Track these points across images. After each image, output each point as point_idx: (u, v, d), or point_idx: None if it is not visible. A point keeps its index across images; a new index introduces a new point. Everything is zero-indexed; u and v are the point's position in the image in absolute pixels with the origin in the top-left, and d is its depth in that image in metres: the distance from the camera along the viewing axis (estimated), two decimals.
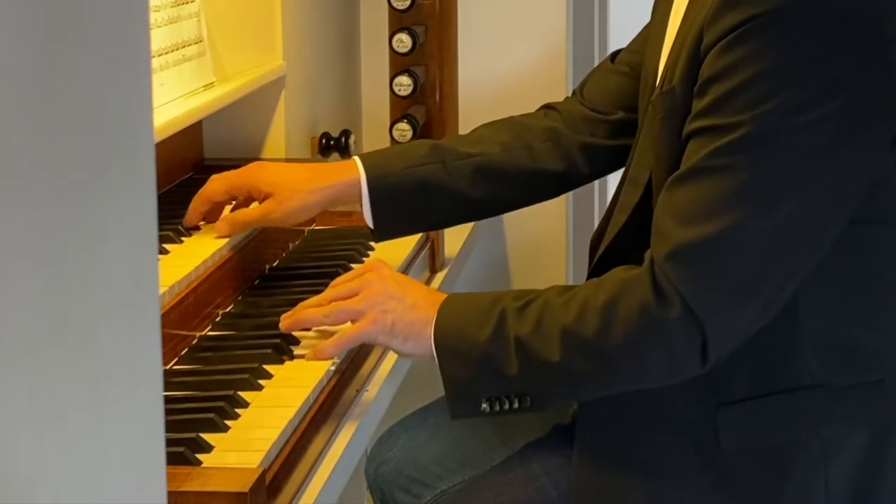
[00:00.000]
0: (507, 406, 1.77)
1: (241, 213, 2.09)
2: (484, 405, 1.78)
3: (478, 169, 2.10)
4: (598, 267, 1.88)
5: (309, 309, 1.89)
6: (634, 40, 2.18)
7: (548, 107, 2.21)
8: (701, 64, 1.71)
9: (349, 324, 1.86)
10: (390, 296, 1.83)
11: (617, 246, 1.88)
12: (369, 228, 2.11)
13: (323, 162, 2.23)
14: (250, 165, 2.13)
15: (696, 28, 1.72)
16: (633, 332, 1.71)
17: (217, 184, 2.11)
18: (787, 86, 1.65)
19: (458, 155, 2.11)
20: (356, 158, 2.10)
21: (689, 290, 1.68)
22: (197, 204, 2.11)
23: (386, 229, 2.11)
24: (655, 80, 1.86)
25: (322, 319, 1.88)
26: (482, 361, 1.76)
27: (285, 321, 1.90)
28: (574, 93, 2.23)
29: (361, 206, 2.08)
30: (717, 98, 1.68)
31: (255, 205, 2.11)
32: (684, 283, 1.68)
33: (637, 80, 2.05)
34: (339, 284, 1.90)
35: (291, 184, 2.06)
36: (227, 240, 2.07)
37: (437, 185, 2.09)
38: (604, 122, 2.13)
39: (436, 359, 1.79)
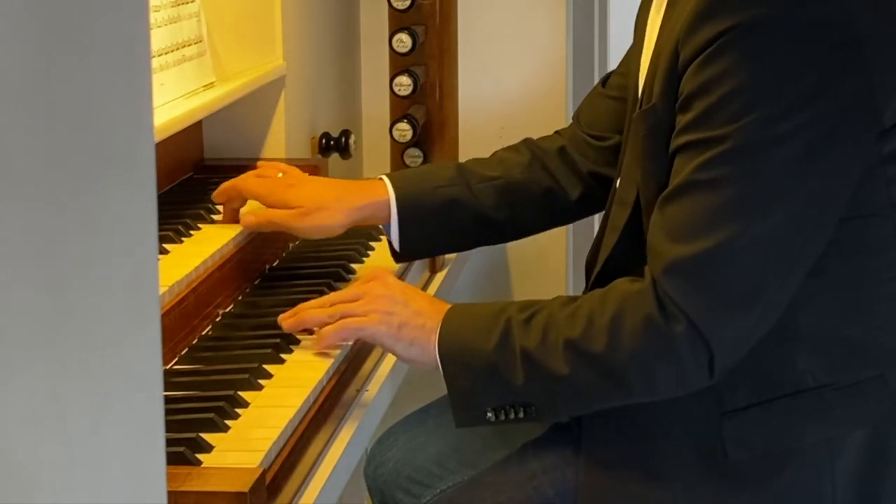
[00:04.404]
0: (512, 416, 1.78)
1: (272, 213, 2.11)
2: (489, 414, 1.79)
3: (501, 191, 2.14)
4: (593, 288, 1.89)
5: (312, 309, 1.89)
6: (621, 62, 2.19)
7: (557, 133, 2.23)
8: (679, 79, 1.72)
9: None
10: (395, 301, 1.84)
11: (610, 267, 1.89)
12: (391, 249, 2.13)
13: (349, 180, 2.23)
14: (281, 181, 2.14)
15: (671, 44, 1.73)
16: (640, 347, 1.72)
17: (256, 188, 2.13)
18: (766, 96, 1.67)
19: (482, 178, 2.14)
20: (385, 179, 2.12)
21: (690, 305, 1.69)
22: (230, 191, 2.15)
23: (409, 250, 2.14)
24: (637, 99, 1.87)
25: (326, 320, 1.88)
26: (488, 372, 1.77)
27: (287, 321, 1.90)
28: (573, 118, 2.24)
29: (389, 225, 2.11)
30: (700, 113, 1.69)
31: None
32: (685, 299, 1.69)
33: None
34: (343, 292, 1.91)
35: (321, 201, 2.09)
36: (226, 241, 2.07)
37: (462, 207, 2.12)
38: (602, 149, 2.15)
39: (440, 368, 1.80)
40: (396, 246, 2.11)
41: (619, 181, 1.92)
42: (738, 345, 1.73)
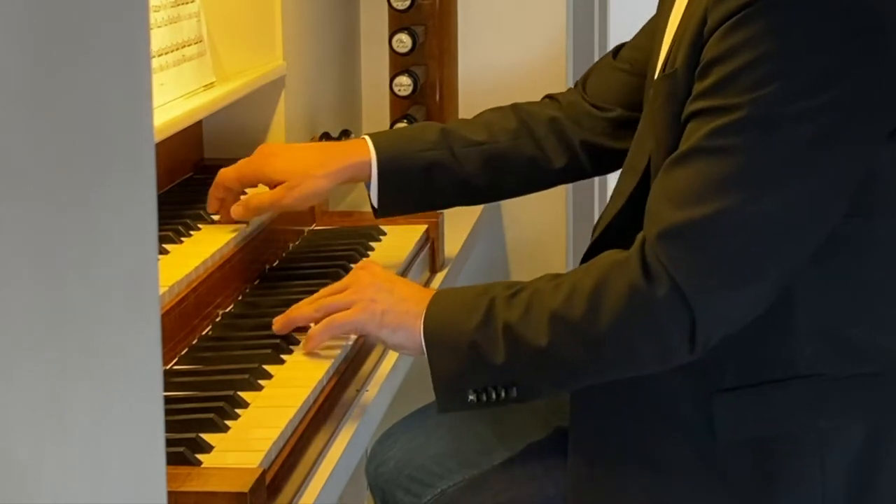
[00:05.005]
0: (493, 397, 1.76)
1: (255, 198, 2.12)
2: (471, 397, 1.77)
3: (484, 157, 2.14)
4: (591, 253, 1.88)
5: (300, 307, 1.89)
6: (637, 36, 2.18)
7: (550, 97, 2.22)
8: (703, 47, 1.71)
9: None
10: (380, 288, 1.84)
11: (611, 232, 1.87)
12: (371, 206, 2.15)
13: (329, 142, 2.24)
14: (259, 151, 2.16)
15: (699, 12, 1.72)
16: (621, 313, 1.70)
17: (229, 171, 2.14)
18: (787, 71, 1.66)
19: (466, 142, 2.14)
20: (367, 138, 2.14)
21: (680, 271, 1.68)
22: (214, 191, 2.15)
23: (388, 208, 2.15)
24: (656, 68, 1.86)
25: (313, 315, 1.87)
26: (469, 351, 1.76)
27: (278, 323, 1.90)
28: (576, 85, 2.23)
29: (368, 184, 2.12)
30: (718, 80, 1.68)
31: (262, 188, 2.14)
32: (675, 263, 1.68)
33: (637, 77, 2.05)
34: (331, 286, 1.92)
35: (302, 169, 2.10)
36: (226, 241, 2.07)
37: (444, 170, 2.13)
38: (602, 120, 2.14)
39: (425, 352, 1.79)
40: (375, 204, 2.13)
41: (632, 149, 1.90)
42: (723, 319, 1.71)
